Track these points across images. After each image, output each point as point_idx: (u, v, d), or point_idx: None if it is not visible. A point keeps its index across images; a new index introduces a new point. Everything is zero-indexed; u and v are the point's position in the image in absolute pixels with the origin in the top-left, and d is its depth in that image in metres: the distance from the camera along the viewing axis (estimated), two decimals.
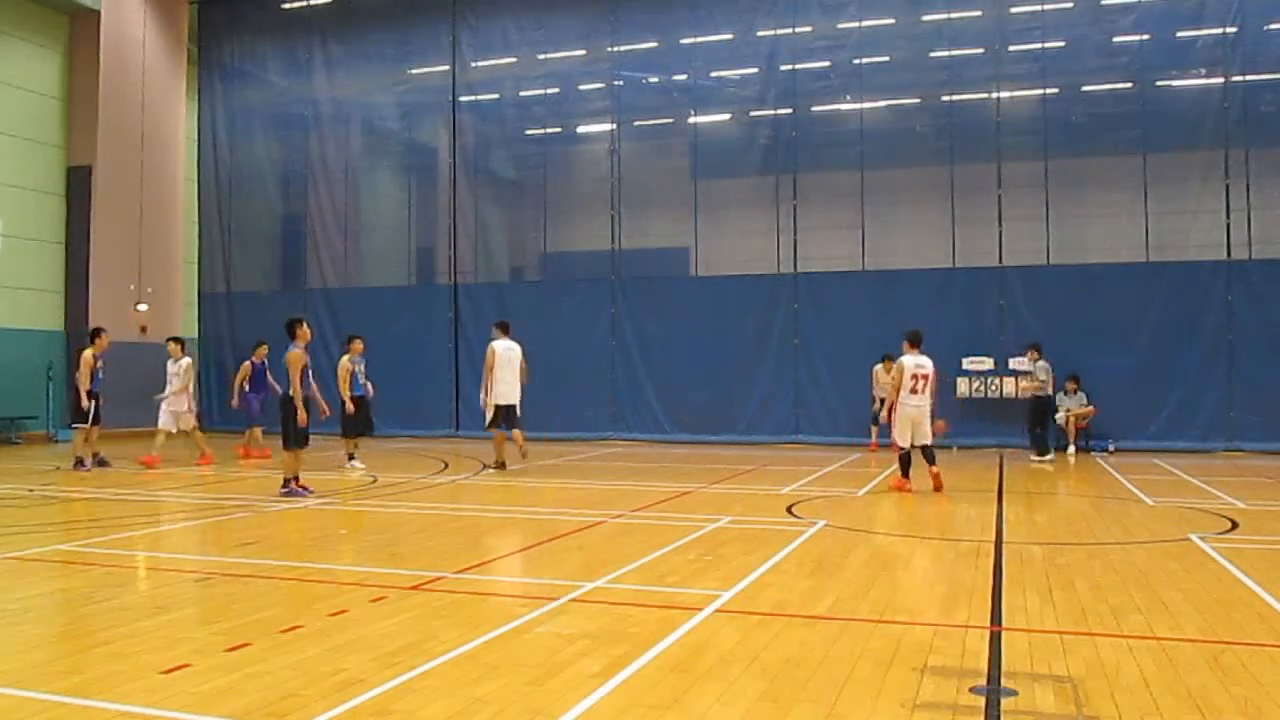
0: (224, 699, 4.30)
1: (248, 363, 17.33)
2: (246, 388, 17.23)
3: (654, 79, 21.60)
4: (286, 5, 24.07)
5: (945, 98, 19.48)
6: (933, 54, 19.65)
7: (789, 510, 10.30)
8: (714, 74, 21.08)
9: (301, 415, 11.44)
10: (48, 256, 22.27)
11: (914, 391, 11.82)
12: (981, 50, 19.22)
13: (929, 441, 11.96)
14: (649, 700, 4.34)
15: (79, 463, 15.07)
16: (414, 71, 23.37)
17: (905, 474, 12.00)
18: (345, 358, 15.03)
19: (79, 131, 22.72)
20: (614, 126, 21.56)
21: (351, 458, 14.93)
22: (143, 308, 23.17)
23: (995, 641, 5.29)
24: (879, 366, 17.46)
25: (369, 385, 15.22)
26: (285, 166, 24.59)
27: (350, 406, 14.74)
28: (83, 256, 22.45)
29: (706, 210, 20.52)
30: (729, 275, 20.13)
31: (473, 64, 22.39)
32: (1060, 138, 18.65)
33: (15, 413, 20.72)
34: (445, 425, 21.47)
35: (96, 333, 15.64)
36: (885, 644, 5.18)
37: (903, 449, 12.00)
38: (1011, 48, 19.15)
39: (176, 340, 16.46)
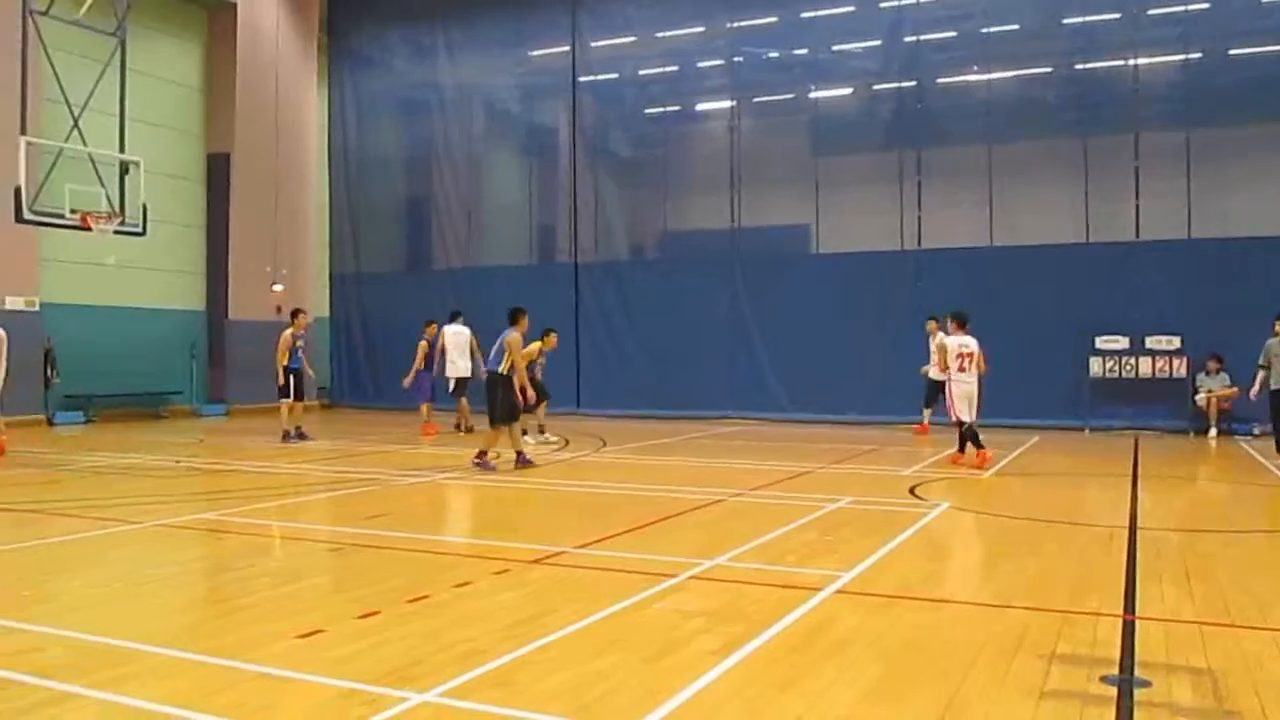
0: (355, 664, 4.47)
1: (424, 343, 17.91)
2: (420, 367, 17.84)
3: (773, 54, 21.33)
4: None
5: (1078, 66, 18.69)
6: (1065, 20, 18.86)
7: (911, 491, 10.12)
8: (835, 47, 20.68)
9: (524, 395, 12.20)
10: (190, 240, 23.37)
11: (962, 370, 12.28)
12: (1117, 15, 18.35)
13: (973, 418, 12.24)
14: (766, 679, 4.34)
15: (285, 435, 15.95)
16: (534, 54, 23.61)
17: (979, 445, 12.13)
18: (536, 344, 15.33)
19: (217, 120, 23.74)
20: (733, 103, 21.39)
21: (538, 431, 15.67)
22: (278, 288, 24.11)
23: (1129, 630, 5.11)
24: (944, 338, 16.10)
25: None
26: (411, 150, 25.21)
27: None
28: (222, 240, 23.51)
29: (827, 187, 20.19)
30: (850, 252, 19.77)
31: (592, 44, 22.50)
32: (1204, 106, 17.69)
33: (161, 388, 21.82)
34: (567, 402, 21.71)
35: (296, 313, 16.67)
36: (1010, 630, 5.06)
37: (966, 423, 12.23)
38: (1150, 11, 18.24)
39: None
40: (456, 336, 17.43)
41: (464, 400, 17.34)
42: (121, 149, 17.08)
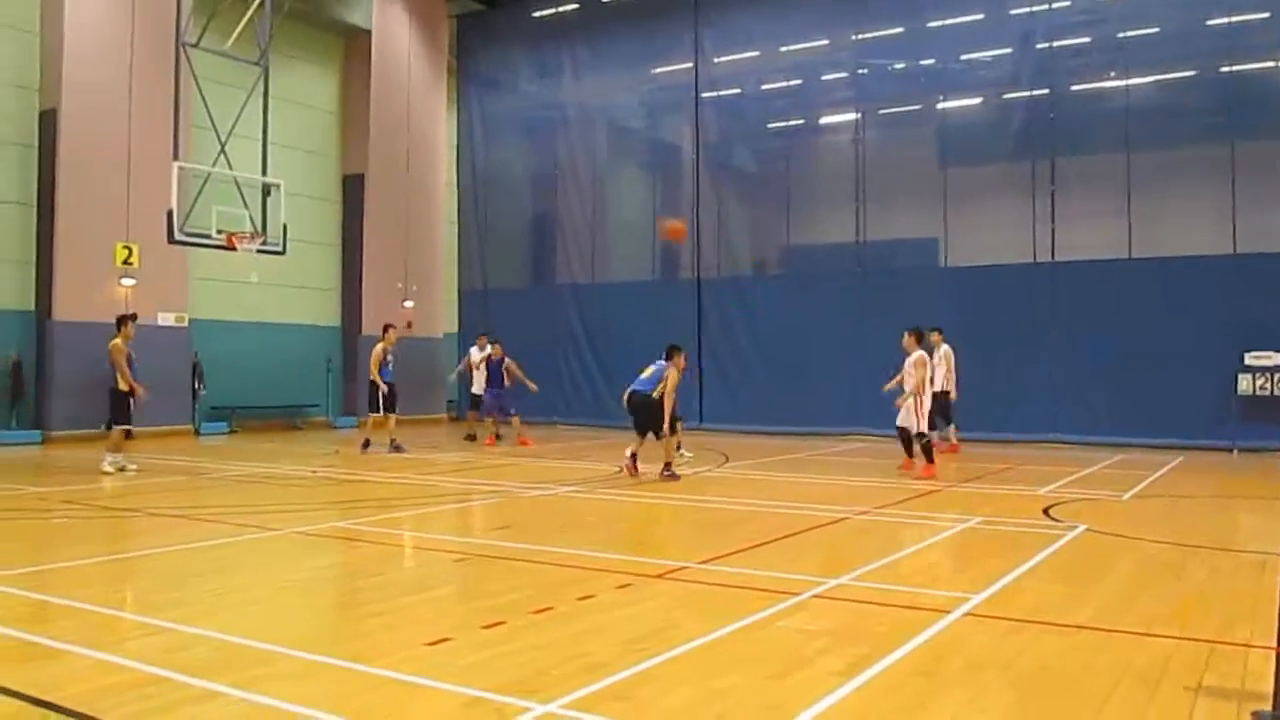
0: (481, 673, 4.55)
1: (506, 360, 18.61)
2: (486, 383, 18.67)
3: (899, 65, 20.99)
4: (537, 14, 25.07)
5: (1224, 69, 17.85)
6: (1209, 21, 18.03)
7: (1045, 512, 9.77)
8: (963, 56, 20.24)
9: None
10: (326, 258, 24.29)
11: (932, 382, 13.46)
12: (1266, 15, 17.45)
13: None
14: (892, 702, 4.24)
15: (365, 444, 16.64)
16: (657, 71, 23.80)
17: (911, 453, 13.13)
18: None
19: (352, 143, 24.65)
20: (858, 115, 21.13)
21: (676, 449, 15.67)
22: (409, 305, 24.85)
23: None
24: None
25: None
26: (536, 168, 25.68)
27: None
28: (356, 258, 24.37)
29: (956, 199, 19.74)
30: (981, 265, 19.25)
31: (715, 60, 22.55)
32: None
33: (299, 401, 22.70)
34: (690, 418, 21.70)
35: (386, 328, 17.25)
36: (1152, 659, 4.82)
37: (928, 436, 12.98)
38: None
39: None
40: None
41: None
42: (264, 172, 17.92)
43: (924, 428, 12.95)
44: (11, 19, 18.54)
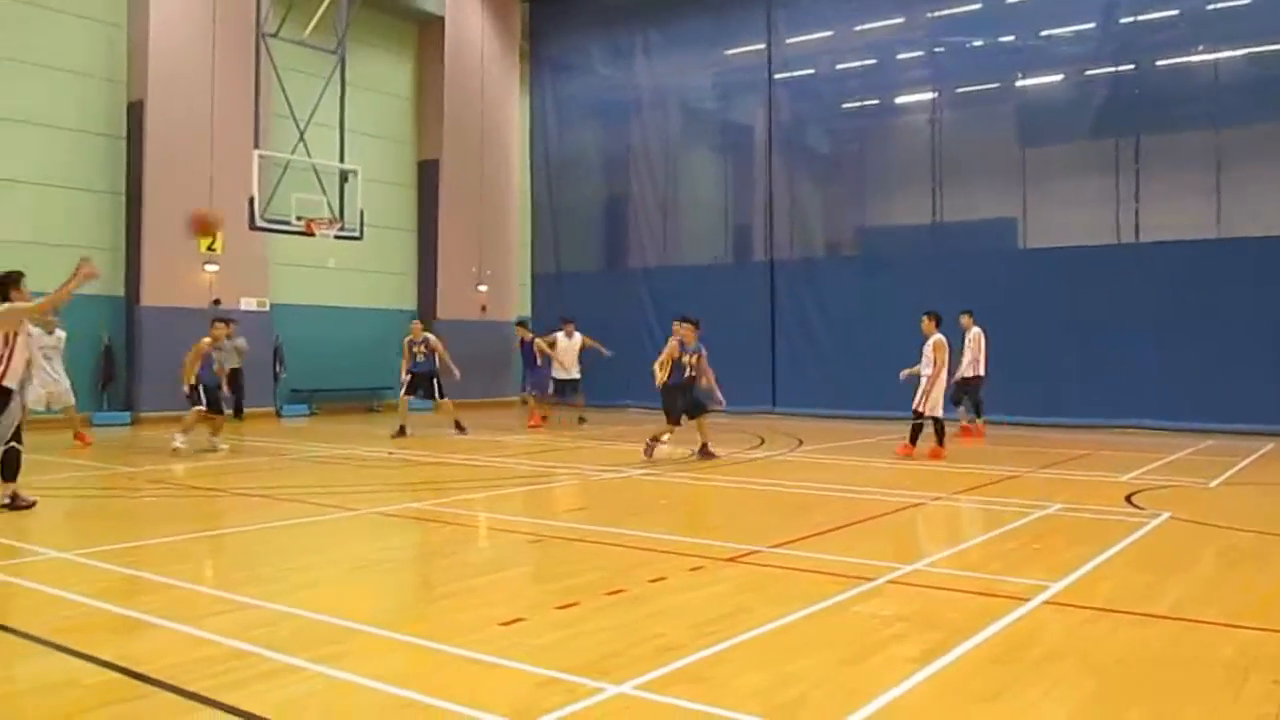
0: (555, 654, 4.59)
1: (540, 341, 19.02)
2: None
3: (977, 43, 20.54)
4: None
5: None
6: None
7: (1128, 500, 9.53)
8: (1044, 33, 19.70)
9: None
10: (402, 243, 24.64)
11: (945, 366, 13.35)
12: None
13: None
14: (969, 690, 4.19)
15: (399, 432, 16.33)
16: (730, 52, 23.64)
17: (914, 442, 13.22)
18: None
19: (427, 129, 24.94)
20: (934, 95, 20.75)
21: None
22: (483, 289, 25.13)
23: None
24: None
25: None
26: (608, 151, 25.71)
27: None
28: (431, 242, 24.69)
29: (1035, 178, 19.27)
30: (1061, 246, 18.78)
31: (787, 41, 22.31)
32: None
33: (375, 384, 23.09)
34: (763, 401, 21.64)
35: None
36: (1238, 651, 4.69)
37: (924, 419, 13.25)
38: None
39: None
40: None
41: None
42: (341, 159, 18.24)
43: (938, 411, 13.22)
44: (100, 15, 19.09)
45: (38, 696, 4.14)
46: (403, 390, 16.95)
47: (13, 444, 8.82)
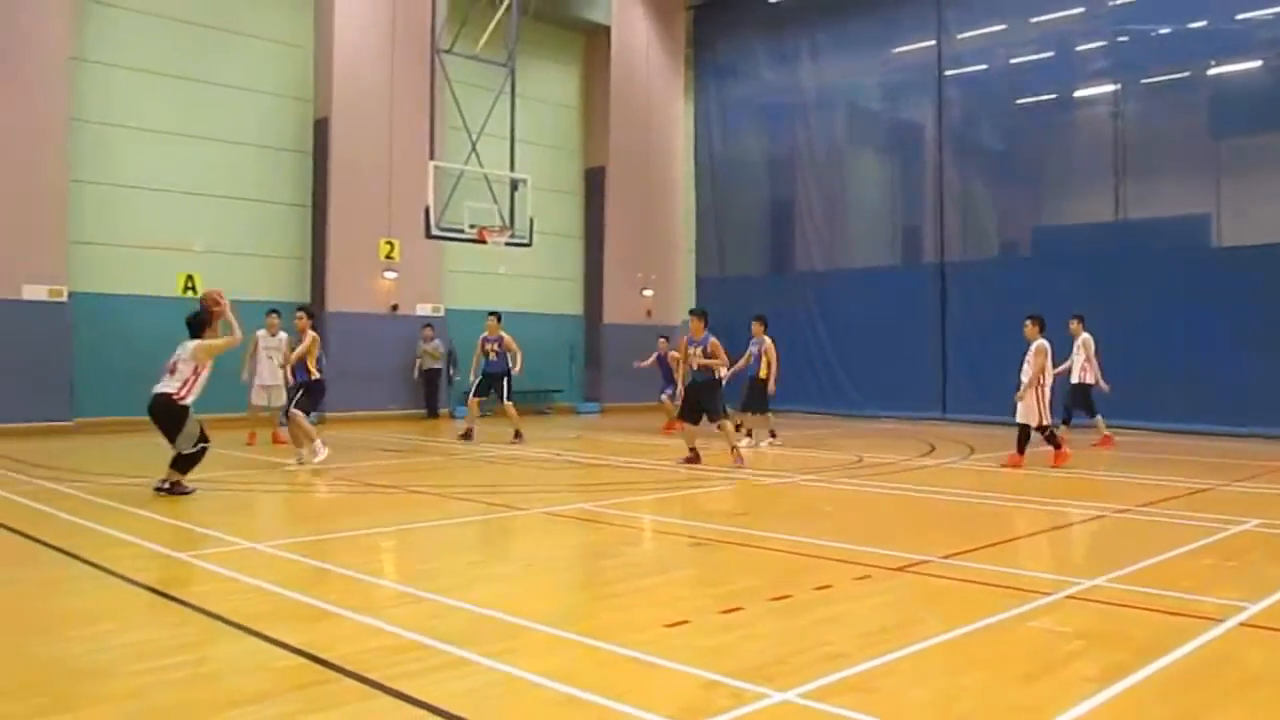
0: (719, 657, 4.58)
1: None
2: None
3: (1164, 30, 19.40)
4: (775, 0, 24.91)
5: None
6: None
7: None
8: (1239, 16, 18.44)
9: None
10: (570, 249, 25.14)
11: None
12: None
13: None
14: (1154, 714, 3.96)
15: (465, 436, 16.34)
16: (898, 51, 23.14)
17: (1022, 451, 12.62)
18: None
19: (594, 136, 25.38)
20: (1117, 87, 19.73)
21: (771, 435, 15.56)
22: (648, 293, 25.38)
23: None
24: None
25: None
26: (773, 155, 25.54)
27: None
28: (597, 248, 25.10)
29: (1231, 172, 18.08)
30: (1262, 244, 17.52)
31: (958, 36, 21.66)
32: None
33: (545, 387, 23.62)
34: (932, 407, 21.08)
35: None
36: None
37: (1049, 427, 12.68)
38: None
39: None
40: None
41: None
42: (511, 168, 18.76)
43: (1046, 419, 12.67)
44: (288, 38, 20.29)
45: (232, 677, 4.41)
46: (472, 392, 16.67)
47: (202, 444, 9.69)
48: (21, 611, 5.57)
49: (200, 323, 9.87)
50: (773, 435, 15.73)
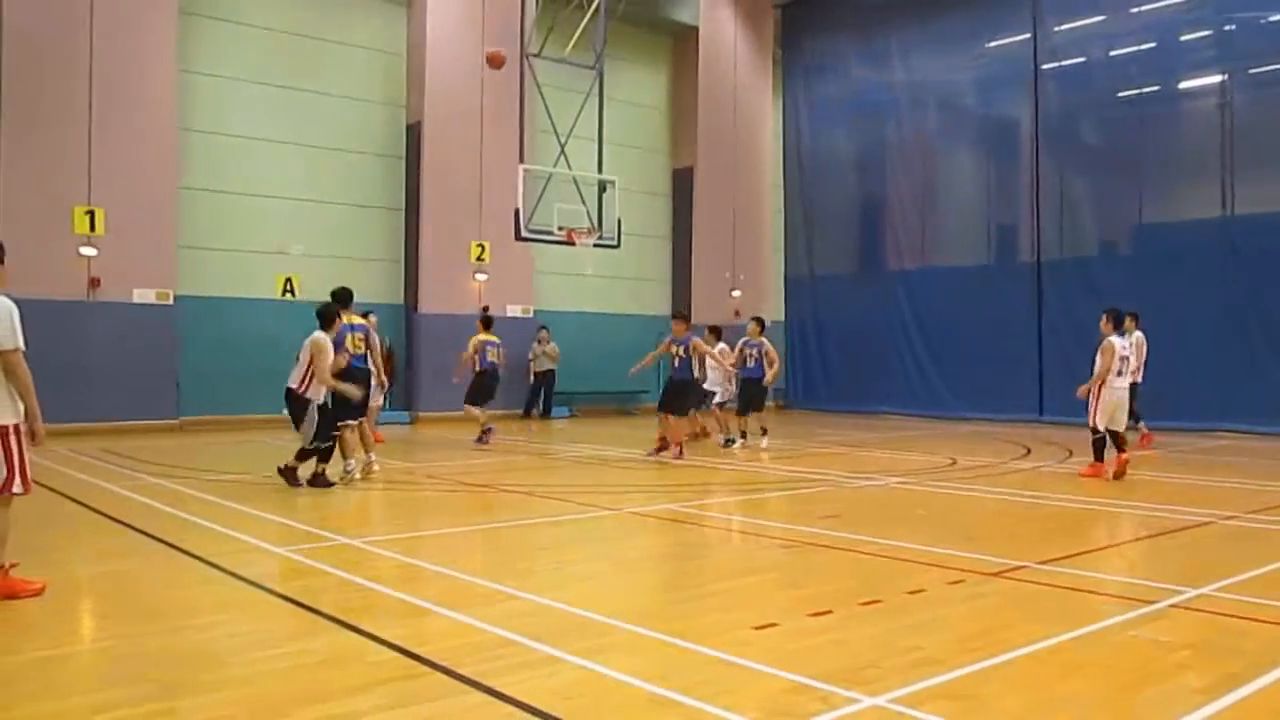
0: (808, 660, 4.54)
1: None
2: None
3: (1275, 16, 18.63)
4: None
5: None
6: None
7: None
8: None
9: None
10: (657, 250, 25.21)
11: (1119, 374, 11.62)
12: None
13: (1123, 427, 11.73)
14: None
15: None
16: (991, 45, 22.65)
17: (1100, 458, 11.67)
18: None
19: (681, 137, 25.40)
20: (1224, 77, 18.99)
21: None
22: (736, 294, 25.29)
23: None
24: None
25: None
26: (862, 153, 25.21)
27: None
28: (685, 249, 25.12)
29: None
30: None
31: (1055, 29, 21.10)
32: None
33: (631, 388, 23.69)
34: (1028, 410, 20.59)
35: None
36: None
37: (1100, 433, 11.63)
38: None
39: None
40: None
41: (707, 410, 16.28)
42: (600, 170, 18.88)
43: (1097, 423, 11.61)
44: (382, 45, 20.78)
45: (329, 669, 4.52)
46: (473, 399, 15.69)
47: (318, 444, 10.18)
48: (132, 602, 5.79)
49: (325, 316, 10.36)
50: (764, 431, 15.42)
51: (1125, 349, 11.85)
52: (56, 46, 16.45)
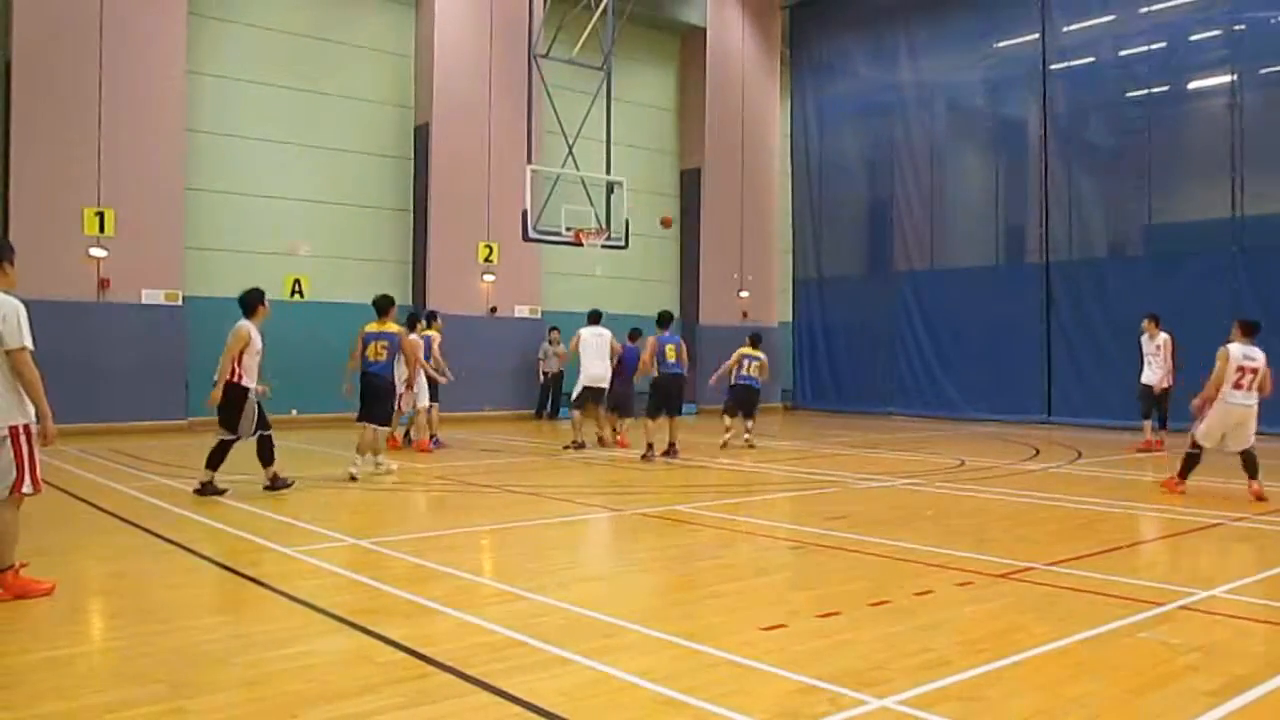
0: (816, 661, 4.54)
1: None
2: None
3: None
4: None
5: None
6: None
7: None
8: None
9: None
10: (665, 251, 25.18)
11: (1238, 386, 10.00)
12: None
13: (1249, 446, 10.07)
14: None
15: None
16: (1000, 45, 22.60)
17: (1185, 475, 10.34)
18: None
19: (689, 138, 25.38)
20: (1233, 77, 18.91)
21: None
22: (744, 295, 25.27)
23: None
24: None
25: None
26: (871, 153, 25.20)
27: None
28: (694, 249, 25.11)
29: None
30: None
31: (1064, 29, 21.05)
32: None
33: (641, 388, 23.65)
34: (1036, 410, 20.54)
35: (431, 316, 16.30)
36: None
37: (1199, 449, 10.24)
38: None
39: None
40: (597, 339, 15.74)
41: (603, 411, 15.78)
42: (608, 171, 18.88)
43: (1198, 438, 10.40)
44: (390, 47, 20.80)
45: (337, 669, 4.53)
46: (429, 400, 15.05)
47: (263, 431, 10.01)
48: (141, 602, 5.81)
49: (246, 303, 9.83)
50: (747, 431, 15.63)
51: (1249, 360, 10.06)
52: (66, 49, 16.51)
